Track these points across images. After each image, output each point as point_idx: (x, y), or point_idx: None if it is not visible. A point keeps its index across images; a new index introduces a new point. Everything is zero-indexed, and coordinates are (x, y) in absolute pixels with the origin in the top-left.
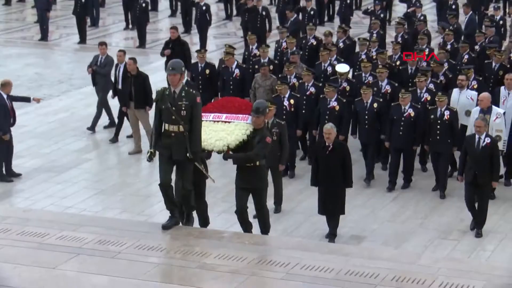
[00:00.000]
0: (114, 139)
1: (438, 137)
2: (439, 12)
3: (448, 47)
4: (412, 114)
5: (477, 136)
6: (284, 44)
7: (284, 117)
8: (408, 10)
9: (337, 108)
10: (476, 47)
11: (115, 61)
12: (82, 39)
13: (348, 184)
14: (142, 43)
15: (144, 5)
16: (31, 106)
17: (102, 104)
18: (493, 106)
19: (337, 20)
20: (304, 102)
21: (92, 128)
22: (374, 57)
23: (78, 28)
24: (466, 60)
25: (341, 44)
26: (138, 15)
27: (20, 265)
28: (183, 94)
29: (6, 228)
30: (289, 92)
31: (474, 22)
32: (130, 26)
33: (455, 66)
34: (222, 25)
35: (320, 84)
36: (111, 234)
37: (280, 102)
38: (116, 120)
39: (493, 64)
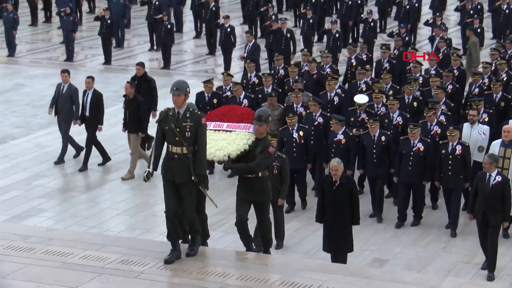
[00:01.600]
0: (83, 168)
1: (450, 173)
2: (464, 36)
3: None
4: (422, 148)
5: (487, 174)
6: (281, 71)
7: (294, 149)
8: (433, 33)
9: (343, 141)
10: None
11: (83, 88)
12: (107, 60)
13: (355, 221)
14: (166, 64)
15: (169, 26)
16: (55, 126)
17: (66, 135)
18: None
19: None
20: (312, 132)
21: (60, 160)
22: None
23: (103, 49)
24: (450, 90)
25: (328, 70)
26: (163, 36)
27: (44, 284)
28: (187, 115)
29: (29, 247)
30: (297, 124)
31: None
32: (155, 47)
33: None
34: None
35: (328, 114)
36: (134, 254)
37: (289, 134)
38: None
39: (494, 95)
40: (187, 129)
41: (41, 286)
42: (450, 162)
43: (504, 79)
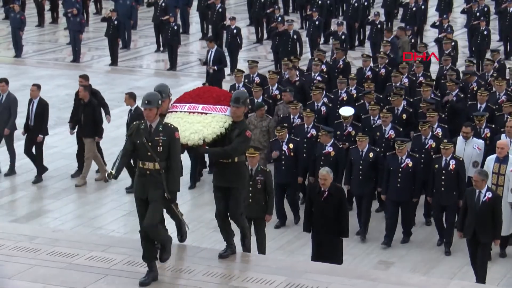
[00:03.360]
0: (38, 179)
1: (443, 189)
2: (471, 38)
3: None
4: (410, 164)
5: (477, 190)
6: (256, 79)
7: (283, 162)
8: (440, 36)
9: (333, 153)
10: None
11: (28, 97)
12: (114, 61)
13: (343, 234)
14: (173, 65)
15: (175, 27)
16: (62, 127)
17: (11, 146)
18: (510, 156)
19: (367, 44)
20: (305, 145)
21: (11, 172)
22: (355, 95)
23: (110, 50)
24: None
25: (319, 78)
26: (169, 37)
27: (50, 285)
28: (160, 128)
29: (35, 247)
30: (288, 136)
31: (395, 46)
32: (161, 48)
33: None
34: (252, 49)
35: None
36: (140, 255)
37: (279, 147)
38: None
39: (478, 105)
40: (160, 144)
41: (47, 287)
42: (443, 177)
43: (475, 89)
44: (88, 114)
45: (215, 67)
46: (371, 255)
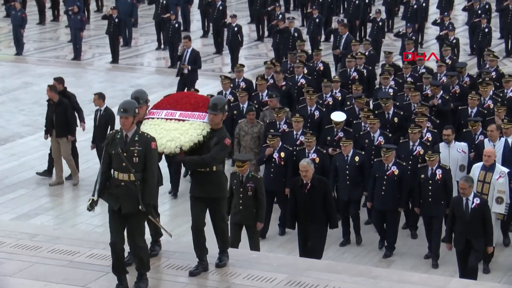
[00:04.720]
0: None
1: (430, 199)
2: (472, 35)
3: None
4: (396, 172)
5: (464, 198)
6: (242, 84)
7: (272, 170)
8: (441, 33)
9: (317, 160)
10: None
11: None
12: (115, 59)
13: (333, 225)
14: (174, 63)
15: (176, 25)
16: None
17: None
18: (497, 164)
19: None
20: (294, 153)
21: None
22: (340, 98)
23: (111, 47)
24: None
25: (302, 80)
26: (170, 35)
27: (51, 282)
28: (136, 138)
29: (36, 245)
30: (281, 144)
31: (350, 43)
32: (162, 46)
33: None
34: (253, 46)
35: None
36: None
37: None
38: None
39: (469, 110)
40: (135, 154)
41: (48, 285)
42: (430, 187)
43: (457, 91)
44: (59, 113)
45: (189, 67)
46: (372, 252)
